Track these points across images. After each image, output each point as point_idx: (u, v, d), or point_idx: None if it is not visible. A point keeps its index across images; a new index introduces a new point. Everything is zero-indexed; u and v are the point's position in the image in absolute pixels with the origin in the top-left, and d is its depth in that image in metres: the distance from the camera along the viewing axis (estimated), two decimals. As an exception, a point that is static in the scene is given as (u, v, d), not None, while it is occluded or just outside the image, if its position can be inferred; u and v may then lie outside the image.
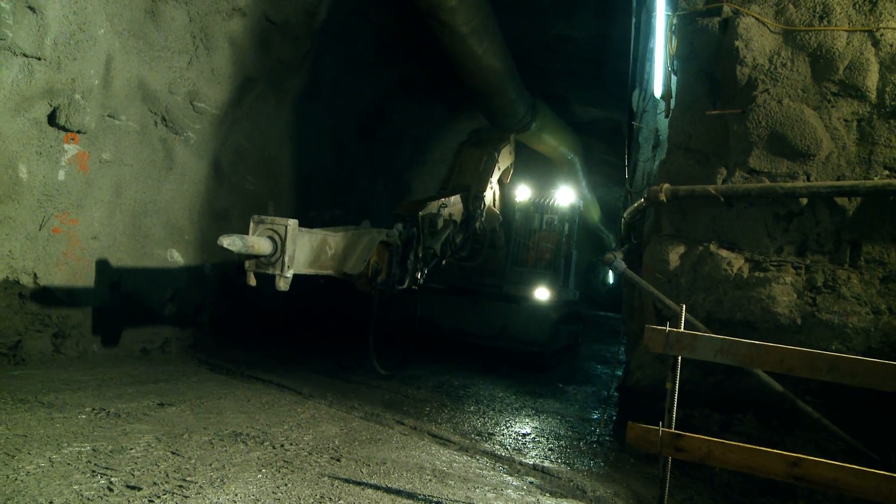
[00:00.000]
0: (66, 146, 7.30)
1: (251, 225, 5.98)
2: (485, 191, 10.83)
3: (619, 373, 8.45)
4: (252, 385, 7.33)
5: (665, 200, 6.41)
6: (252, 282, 5.99)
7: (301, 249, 6.15)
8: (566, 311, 13.28)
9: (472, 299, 12.00)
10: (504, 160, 11.92)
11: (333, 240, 6.85)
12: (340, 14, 10.73)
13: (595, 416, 8.34)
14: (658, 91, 7.31)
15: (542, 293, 12.03)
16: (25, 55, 6.62)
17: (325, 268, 6.75)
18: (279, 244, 5.90)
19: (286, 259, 5.89)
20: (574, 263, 14.22)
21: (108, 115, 7.74)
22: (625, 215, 7.52)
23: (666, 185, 6.42)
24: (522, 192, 13.75)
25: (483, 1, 10.27)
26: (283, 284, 5.93)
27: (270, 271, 5.95)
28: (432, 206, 9.25)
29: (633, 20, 8.93)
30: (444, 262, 9.70)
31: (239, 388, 7.11)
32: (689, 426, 5.73)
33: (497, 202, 12.05)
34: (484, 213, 11.00)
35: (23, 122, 6.86)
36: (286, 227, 5.89)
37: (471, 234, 10.57)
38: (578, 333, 15.54)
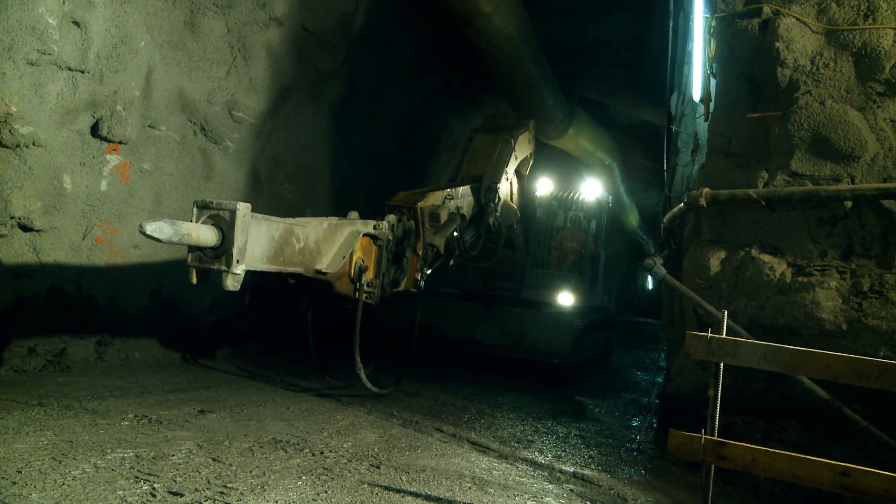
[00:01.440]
0: (108, 157, 7.42)
1: (193, 210, 5.04)
2: (499, 182, 9.77)
3: (660, 379, 8.35)
4: (292, 393, 7.37)
5: (705, 205, 6.33)
6: (193, 279, 5.13)
7: (257, 240, 5.25)
8: (593, 318, 12.01)
9: (485, 305, 10.90)
10: (522, 148, 10.76)
11: (303, 231, 5.88)
12: (377, 22, 10.79)
13: (635, 424, 8.25)
14: (697, 94, 7.24)
15: (565, 298, 10.87)
16: (70, 69, 6.75)
17: (292, 264, 5.73)
18: (226, 233, 4.92)
19: (234, 251, 4.91)
20: (602, 265, 13.01)
21: (149, 126, 7.86)
22: (664, 220, 7.44)
23: (706, 190, 6.34)
24: (544, 186, 12.49)
25: (519, 7, 10.25)
26: (230, 283, 4.96)
27: (215, 266, 4.98)
28: (435, 198, 8.32)
29: (671, 23, 8.85)
30: (451, 261, 8.75)
31: (278, 395, 7.15)
32: (732, 434, 5.63)
33: (515, 196, 10.90)
34: (499, 208, 9.92)
35: (67, 134, 6.99)
36: (234, 212, 4.88)
37: (483, 230, 9.52)
38: (608, 343, 14.08)
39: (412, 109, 13.55)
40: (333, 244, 6.27)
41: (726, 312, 4.52)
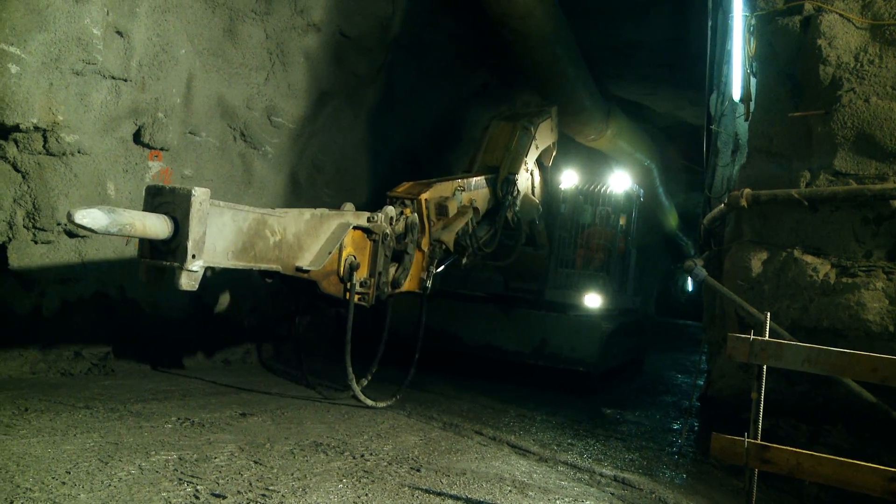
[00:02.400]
0: (150, 163, 7.55)
1: (145, 198, 4.49)
2: (517, 172, 9.09)
3: (701, 382, 8.27)
4: (331, 395, 7.42)
5: (746, 205, 6.25)
6: (143, 276, 4.59)
7: (219, 232, 4.63)
8: (623, 321, 11.15)
9: (503, 308, 10.09)
10: (544, 137, 10.07)
11: (279, 222, 5.24)
12: (414, 26, 10.83)
13: (676, 427, 8.17)
14: (737, 94, 7.16)
15: (592, 300, 10.18)
16: (113, 77, 6.88)
17: (266, 260, 5.11)
18: (180, 224, 4.32)
19: (189, 245, 4.30)
20: (633, 264, 12.20)
21: (190, 132, 7.98)
22: (704, 221, 7.38)
23: (747, 190, 6.26)
24: (569, 179, 11.51)
25: (555, 9, 10.23)
26: (185, 282, 4.37)
27: (167, 262, 4.39)
28: (443, 188, 7.68)
29: (709, 22, 8.77)
30: (464, 260, 8.18)
31: (318, 398, 7.20)
32: (776, 437, 5.54)
33: (537, 189, 10.32)
34: (518, 202, 9.25)
35: (111, 141, 7.12)
36: (188, 197, 4.27)
37: (499, 226, 8.86)
38: (640, 349, 13.18)
39: (449, 112, 13.57)
40: (318, 238, 5.70)
41: (769, 314, 4.46)
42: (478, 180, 8.54)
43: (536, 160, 10.09)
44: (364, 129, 11.01)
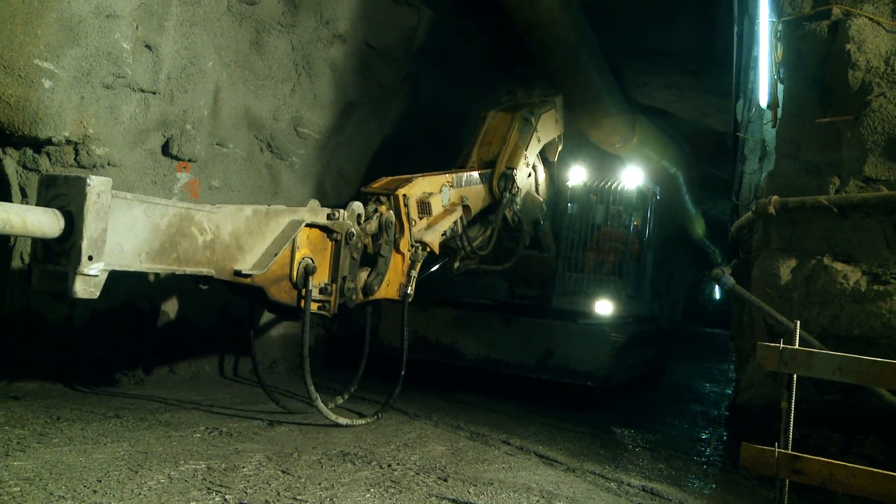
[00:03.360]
0: (178, 175, 7.64)
1: (38, 189, 4.00)
2: (516, 167, 8.32)
3: (729, 391, 8.19)
4: (358, 405, 7.44)
5: (774, 213, 6.20)
6: (35, 284, 4.02)
7: (128, 229, 4.05)
8: (638, 329, 10.26)
9: (504, 317, 9.23)
10: (547, 129, 9.30)
11: (210, 219, 4.67)
12: (438, 36, 10.88)
13: (704, 436, 8.09)
14: (764, 100, 7.11)
15: (603, 307, 9.41)
16: (142, 90, 6.98)
17: (193, 262, 4.53)
18: (74, 219, 3.73)
19: (85, 244, 3.70)
20: (649, 266, 11.34)
21: (217, 144, 8.06)
22: (732, 229, 7.32)
23: (775, 197, 6.21)
24: (577, 175, 10.59)
25: (580, 16, 10.22)
26: (81, 288, 3.78)
27: (58, 266, 3.83)
28: (426, 184, 6.97)
29: (735, 29, 8.72)
30: (455, 264, 7.67)
31: (346, 408, 7.22)
32: (807, 447, 5.47)
33: (541, 186, 9.60)
34: (518, 199, 8.54)
35: (140, 153, 7.22)
36: (84, 188, 3.69)
37: (496, 226, 8.12)
38: (659, 359, 12.31)
39: (475, 121, 13.58)
40: (264, 238, 5.13)
41: (798, 322, 4.41)
42: (470, 175, 7.80)
43: (540, 155, 9.41)
44: (390, 139, 11.06)
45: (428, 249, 6.86)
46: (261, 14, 8.19)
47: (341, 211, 5.78)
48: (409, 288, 6.71)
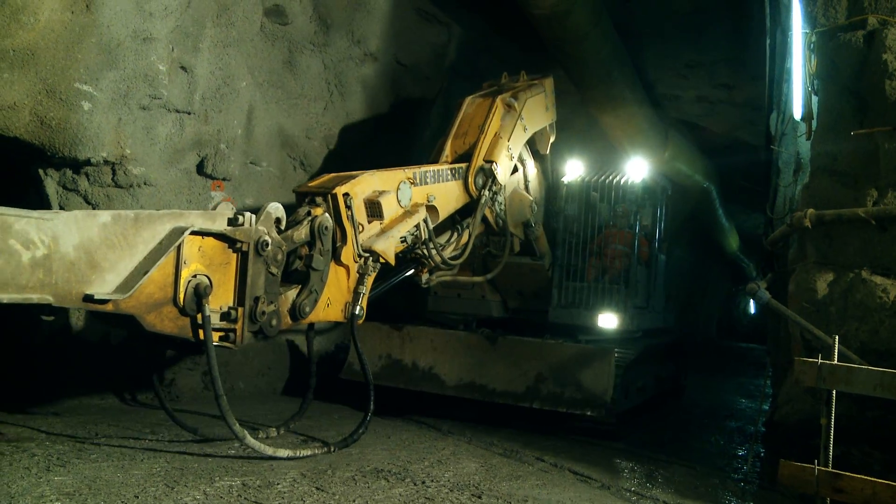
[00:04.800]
0: (213, 193, 7.75)
1: None
2: (497, 160, 7.24)
3: (766, 407, 8.07)
4: (392, 422, 7.44)
5: (810, 226, 6.12)
6: None
7: None
8: (649, 344, 9.10)
9: (488, 337, 7.94)
10: (535, 117, 8.12)
11: (42, 228, 3.67)
12: (468, 52, 10.95)
13: (741, 453, 7.97)
14: (798, 113, 7.03)
15: (607, 320, 8.31)
16: (178, 111, 7.11)
17: (10, 287, 3.53)
18: None
19: None
20: (662, 272, 10.11)
21: (251, 163, 8.17)
22: (766, 243, 7.23)
23: (810, 210, 6.13)
24: (573, 170, 9.26)
25: (610, 32, 10.21)
26: None
27: None
28: (376, 181, 5.91)
29: (768, 41, 8.65)
30: (423, 277, 6.92)
31: (379, 424, 7.22)
32: (847, 465, 5.36)
33: (531, 184, 8.53)
34: (503, 199, 7.65)
35: (175, 172, 7.34)
36: None
37: (473, 230, 7.17)
38: (677, 377, 11.05)
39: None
40: (133, 251, 4.12)
41: (837, 337, 4.35)
42: (438, 170, 6.74)
43: (529, 147, 8.39)
44: (421, 155, 11.11)
45: (382, 260, 5.83)
46: (293, 34, 8.31)
47: (248, 215, 4.72)
48: (358, 307, 5.69)
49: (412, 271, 6.87)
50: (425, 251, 6.53)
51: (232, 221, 4.67)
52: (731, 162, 16.50)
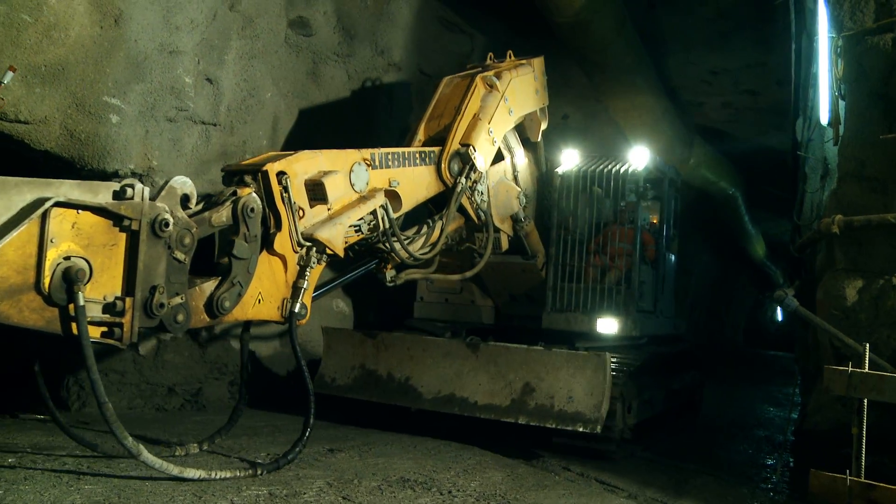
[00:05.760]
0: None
1: None
2: (476, 144, 6.55)
3: (795, 415, 7.98)
4: (415, 431, 7.43)
5: (838, 232, 6.05)
6: None
7: None
8: (656, 353, 8.17)
9: (469, 344, 7.09)
10: (521, 99, 7.39)
11: None
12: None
13: (770, 462, 7.88)
14: (824, 118, 6.97)
15: (608, 326, 7.59)
16: (204, 122, 7.19)
17: None
18: None
19: None
20: (671, 273, 9.24)
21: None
22: (793, 249, 7.16)
23: (838, 217, 6.06)
24: (569, 159, 8.46)
25: (634, 39, 10.19)
26: None
27: None
28: (321, 161, 5.16)
29: (793, 46, 8.59)
30: (388, 274, 6.26)
31: (405, 433, 7.22)
32: (880, 475, 5.28)
33: (521, 173, 7.86)
34: (484, 188, 6.94)
35: (201, 183, 7.39)
36: None
37: (446, 221, 6.49)
38: (692, 390, 9.99)
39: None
40: None
41: (867, 345, 4.29)
42: (404, 152, 6.05)
43: (517, 133, 7.79)
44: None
45: (329, 252, 5.12)
46: (317, 45, 8.38)
47: (139, 186, 3.98)
48: (299, 304, 4.96)
49: (374, 266, 6.18)
50: (387, 244, 5.78)
51: (118, 194, 3.95)
52: (757, 168, 16.39)
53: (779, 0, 8.44)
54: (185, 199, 4.32)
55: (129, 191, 3.94)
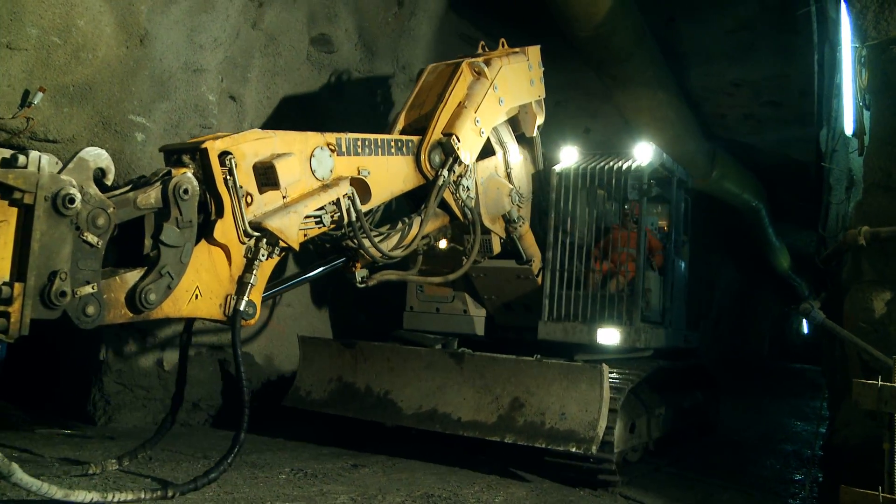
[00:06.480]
0: (263, 223, 7.87)
1: None
2: (460, 133, 5.92)
3: (823, 430, 7.87)
4: (442, 447, 7.41)
5: (865, 244, 5.98)
6: None
7: None
8: (662, 368, 7.42)
9: (453, 355, 6.59)
10: (513, 89, 6.78)
11: None
12: (511, 76, 10.99)
13: (798, 478, 7.78)
14: (849, 128, 6.91)
15: (608, 336, 6.93)
16: (226, 140, 7.26)
17: None
18: None
19: None
20: (682, 282, 8.60)
21: (300, 190, 8.29)
22: (819, 261, 7.09)
23: (865, 228, 5.99)
24: (568, 156, 7.86)
25: (655, 52, 10.17)
26: None
27: None
28: (275, 143, 4.58)
29: (816, 57, 8.54)
30: (357, 274, 5.68)
31: (426, 448, 7.20)
32: (911, 490, 5.21)
33: (515, 170, 7.26)
34: (470, 184, 6.42)
35: (225, 200, 7.48)
36: None
37: (425, 217, 5.87)
38: (705, 409, 9.39)
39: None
40: None
41: (897, 358, 4.24)
42: (377, 139, 5.46)
43: (510, 127, 7.31)
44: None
45: (283, 244, 4.54)
46: (338, 61, 8.45)
47: (35, 154, 3.38)
48: (244, 301, 4.36)
49: (341, 263, 5.61)
50: (354, 240, 5.20)
51: (8, 162, 3.34)
52: (781, 180, 16.27)
53: (801, 10, 8.39)
54: (99, 175, 3.69)
55: (23, 158, 3.33)
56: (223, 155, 4.20)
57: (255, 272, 4.38)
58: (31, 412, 7.02)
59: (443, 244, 6.72)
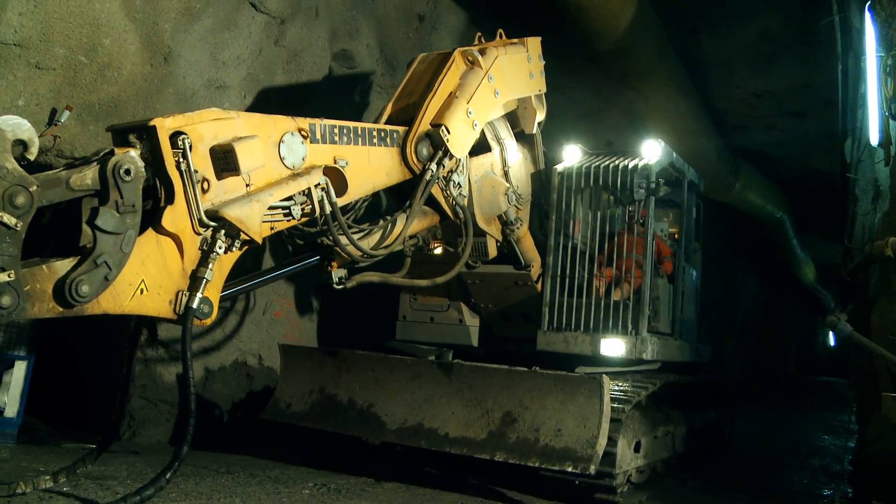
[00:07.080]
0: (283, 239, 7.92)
1: None
2: (450, 125, 5.45)
3: (852, 444, 7.77)
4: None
5: (892, 255, 5.91)
6: None
7: None
8: (670, 382, 6.98)
9: (441, 365, 6.07)
10: (510, 82, 6.35)
11: None
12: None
13: (826, 493, 7.66)
14: (874, 138, 6.85)
15: (612, 347, 6.47)
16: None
17: None
18: None
19: None
20: (694, 291, 8.06)
21: (321, 204, 8.34)
22: (845, 273, 7.01)
23: (892, 239, 5.92)
24: (570, 156, 7.39)
25: (676, 64, 10.15)
26: None
27: None
28: (237, 125, 4.17)
29: (839, 66, 8.48)
30: (333, 274, 5.24)
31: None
32: (944, 506, 5.12)
33: (513, 169, 6.74)
34: (463, 180, 5.93)
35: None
36: None
37: (411, 214, 5.37)
38: (718, 427, 8.94)
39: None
40: None
41: (927, 371, 4.17)
42: (357, 127, 5.01)
43: (508, 123, 6.86)
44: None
45: (245, 236, 4.12)
46: (360, 76, 8.49)
47: None
48: (198, 299, 3.93)
49: (317, 262, 5.21)
50: (329, 236, 4.77)
51: None
52: (805, 191, 16.15)
53: (824, 21, 8.34)
54: (20, 147, 3.33)
55: None
56: (176, 135, 3.80)
57: (210, 266, 3.97)
58: (58, 428, 7.06)
59: (438, 250, 6.49)
